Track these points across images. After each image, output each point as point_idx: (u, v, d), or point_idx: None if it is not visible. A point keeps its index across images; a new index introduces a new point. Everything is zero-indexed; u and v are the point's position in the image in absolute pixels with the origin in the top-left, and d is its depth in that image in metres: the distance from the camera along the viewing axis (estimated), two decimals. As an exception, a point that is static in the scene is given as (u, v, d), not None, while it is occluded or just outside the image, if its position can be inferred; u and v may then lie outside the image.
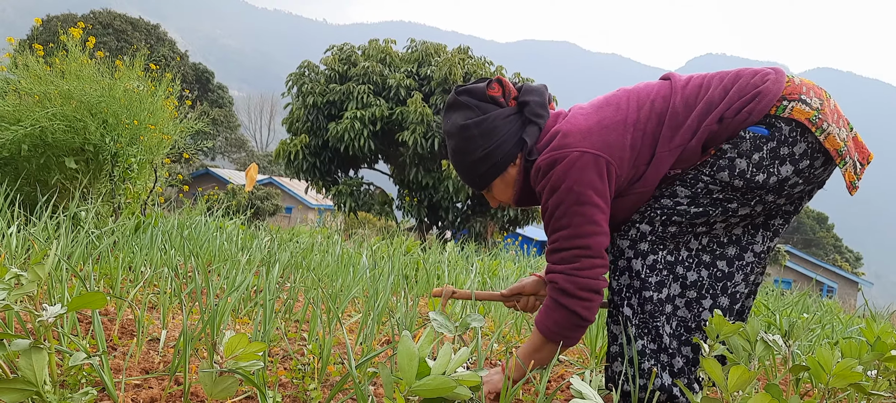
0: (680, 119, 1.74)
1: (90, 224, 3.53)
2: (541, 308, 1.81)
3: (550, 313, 1.76)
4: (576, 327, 1.75)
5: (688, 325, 1.78)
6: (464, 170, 1.90)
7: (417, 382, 1.22)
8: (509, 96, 1.87)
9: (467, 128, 1.83)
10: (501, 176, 1.88)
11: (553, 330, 1.77)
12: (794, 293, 6.56)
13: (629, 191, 1.78)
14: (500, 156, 1.84)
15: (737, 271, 1.79)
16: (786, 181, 1.69)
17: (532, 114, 1.84)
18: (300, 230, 7.40)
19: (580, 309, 1.72)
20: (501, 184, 1.90)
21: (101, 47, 5.67)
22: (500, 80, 1.86)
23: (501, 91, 1.86)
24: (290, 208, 35.56)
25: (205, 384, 1.26)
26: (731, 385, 1.40)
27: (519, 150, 1.84)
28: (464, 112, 1.85)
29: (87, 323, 2.25)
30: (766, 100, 1.67)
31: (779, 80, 1.71)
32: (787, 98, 1.68)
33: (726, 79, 1.76)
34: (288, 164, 17.37)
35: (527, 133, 1.83)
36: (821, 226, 53.83)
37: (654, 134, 1.75)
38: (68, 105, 4.30)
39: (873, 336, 2.07)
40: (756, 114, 1.67)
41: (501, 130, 1.83)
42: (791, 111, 1.67)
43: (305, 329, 2.66)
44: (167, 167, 6.11)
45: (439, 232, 17.27)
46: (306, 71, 17.86)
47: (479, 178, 1.89)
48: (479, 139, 1.83)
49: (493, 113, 1.84)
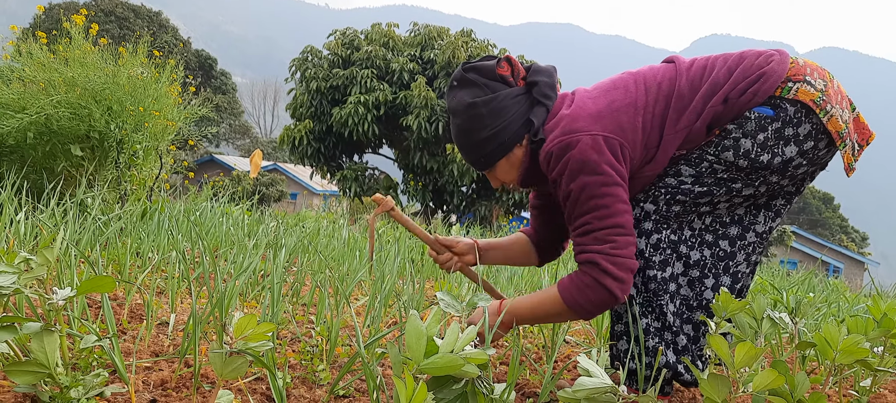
0: (685, 101, 1.73)
1: (97, 210, 3.55)
2: (571, 282, 1.75)
3: (586, 291, 1.72)
4: (607, 306, 1.73)
5: (690, 304, 1.78)
6: (469, 149, 1.87)
7: (426, 360, 1.23)
8: (518, 76, 1.84)
9: (475, 107, 1.80)
10: (507, 156, 1.85)
11: (585, 307, 1.74)
12: (800, 273, 6.56)
13: (639, 174, 1.77)
14: (508, 136, 1.81)
15: (739, 251, 1.79)
16: (790, 162, 1.68)
17: (541, 94, 1.81)
18: (306, 215, 7.42)
19: (618, 289, 1.70)
20: (506, 165, 1.87)
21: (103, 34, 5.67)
22: (509, 59, 1.83)
23: (510, 70, 1.83)
24: (295, 194, 35.61)
25: (215, 364, 1.27)
26: (737, 361, 1.41)
27: (526, 131, 1.81)
28: (471, 89, 1.82)
29: (97, 308, 2.26)
30: (771, 81, 1.67)
31: (783, 61, 1.70)
32: (792, 79, 1.68)
33: (730, 61, 1.75)
34: (292, 150, 17.38)
35: (534, 114, 1.80)
36: (827, 207, 53.69)
37: (661, 116, 1.74)
38: (72, 92, 4.31)
39: (880, 312, 2.07)
40: (761, 95, 1.67)
41: (510, 110, 1.80)
42: (796, 92, 1.66)
43: (313, 312, 2.68)
44: (172, 154, 6.12)
45: (444, 216, 17.29)
46: (309, 56, 17.83)
47: (484, 158, 1.86)
48: (487, 118, 1.80)
49: (502, 92, 1.80)
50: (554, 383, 1.71)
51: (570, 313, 1.78)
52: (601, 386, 1.49)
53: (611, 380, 1.51)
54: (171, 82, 5.12)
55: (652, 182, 1.78)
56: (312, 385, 1.78)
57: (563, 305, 1.77)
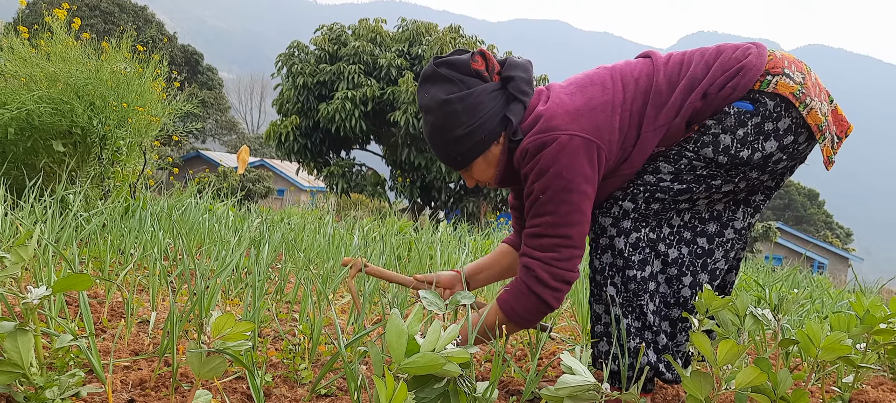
0: (664, 97, 1.71)
1: (79, 207, 3.51)
2: (508, 288, 1.76)
3: (520, 298, 1.74)
4: (541, 314, 1.74)
5: (668, 301, 1.76)
6: (444, 147, 1.79)
7: (407, 359, 1.21)
8: (493, 70, 1.77)
9: (450, 104, 1.72)
10: (484, 155, 1.78)
11: (519, 314, 1.75)
12: (785, 269, 6.59)
13: (615, 173, 1.75)
14: (484, 133, 1.74)
15: (717, 248, 1.77)
16: (770, 157, 1.67)
17: (517, 90, 1.75)
18: (291, 211, 7.38)
19: (551, 298, 1.71)
20: (483, 163, 1.81)
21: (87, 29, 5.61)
22: (484, 53, 1.77)
23: (485, 64, 1.76)
24: (282, 190, 35.48)
25: (193, 364, 1.25)
26: (720, 359, 1.40)
27: (503, 129, 1.76)
28: (444, 85, 1.74)
29: (76, 306, 2.23)
30: (749, 75, 1.65)
31: (761, 55, 1.68)
32: (771, 72, 1.66)
33: (708, 55, 1.73)
34: (278, 146, 17.31)
35: (511, 111, 1.74)
36: (812, 203, 54.10)
37: (639, 113, 1.72)
38: (54, 87, 4.26)
39: (862, 309, 2.08)
40: (740, 89, 1.65)
41: (486, 106, 1.73)
42: (776, 85, 1.65)
43: (296, 309, 2.66)
44: (157, 150, 6.07)
45: (432, 212, 17.28)
46: (296, 51, 17.76)
47: (460, 157, 1.79)
48: (462, 115, 1.72)
49: (478, 88, 1.73)
50: (538, 380, 1.70)
51: (509, 322, 1.77)
52: (584, 384, 1.49)
53: (594, 378, 1.50)
54: (155, 78, 5.07)
55: (630, 179, 1.76)
56: (294, 384, 1.76)
57: (503, 314, 1.77)
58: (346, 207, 18.37)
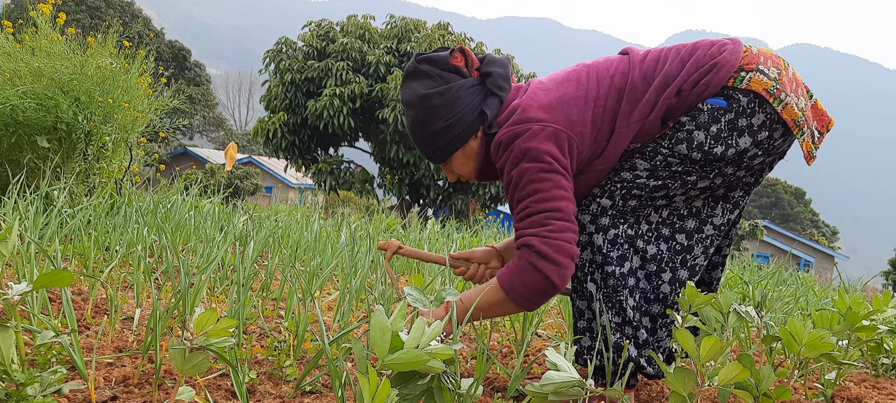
0: (638, 94, 1.72)
1: (63, 203, 3.48)
2: (509, 267, 1.74)
3: (522, 275, 1.71)
4: (545, 294, 1.71)
5: (647, 297, 1.77)
6: (423, 141, 1.84)
7: (390, 356, 1.21)
8: (472, 66, 1.82)
9: (429, 98, 1.78)
10: (462, 148, 1.83)
11: (521, 293, 1.72)
12: (771, 266, 6.64)
13: (589, 168, 1.77)
14: (462, 127, 1.79)
15: (696, 244, 1.78)
16: (744, 152, 1.67)
17: (494, 85, 1.80)
18: (279, 208, 7.36)
19: (554, 275, 1.68)
20: (462, 157, 1.85)
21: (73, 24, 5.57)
22: (463, 50, 1.81)
23: (464, 61, 1.81)
24: (270, 187, 35.38)
25: (175, 360, 1.25)
26: (703, 355, 1.41)
27: (480, 123, 1.80)
28: (424, 81, 1.80)
29: (59, 303, 2.22)
30: (723, 72, 1.66)
31: (736, 51, 1.69)
32: (745, 68, 1.67)
33: (683, 52, 1.74)
34: (266, 143, 17.24)
35: (487, 105, 1.79)
36: (798, 201, 54.50)
37: (613, 109, 1.73)
38: (39, 83, 4.22)
39: (845, 306, 2.10)
40: (714, 86, 1.66)
41: (464, 101, 1.78)
42: (749, 81, 1.65)
43: (282, 306, 2.65)
44: (143, 146, 6.04)
45: (420, 209, 17.27)
46: (284, 47, 17.69)
47: (439, 151, 1.84)
48: (441, 109, 1.77)
49: (456, 83, 1.78)
50: (523, 377, 1.70)
51: (509, 302, 1.75)
52: (568, 380, 1.49)
53: (579, 374, 1.50)
54: (142, 73, 5.03)
55: (606, 176, 1.77)
56: (279, 381, 1.76)
57: (503, 293, 1.74)
58: (334, 205, 18.33)
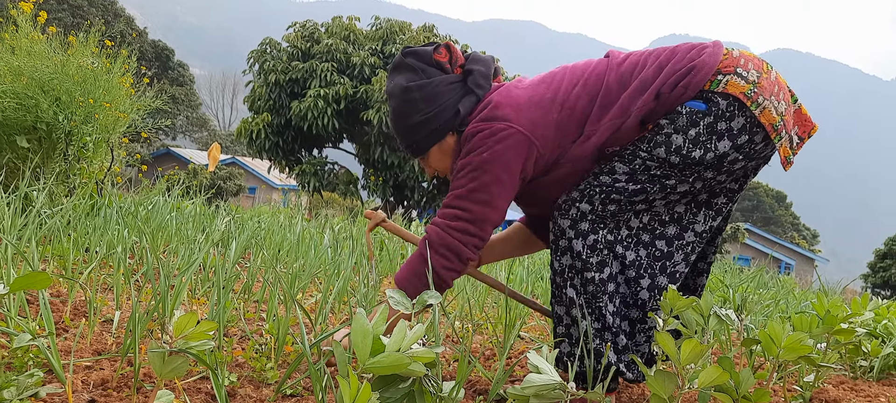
0: (613, 97, 1.73)
1: (43, 204, 3.44)
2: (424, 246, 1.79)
3: (410, 261, 1.78)
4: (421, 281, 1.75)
5: (627, 302, 1.77)
6: (402, 133, 1.88)
7: (371, 359, 1.21)
8: (455, 63, 1.85)
9: (409, 91, 1.81)
10: (439, 144, 1.86)
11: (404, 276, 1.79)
12: (752, 269, 6.69)
13: (554, 169, 1.78)
14: (439, 123, 1.81)
15: (676, 251, 1.77)
16: (724, 157, 1.66)
17: (474, 84, 1.82)
18: (262, 210, 7.32)
19: (435, 262, 1.74)
20: (439, 153, 1.88)
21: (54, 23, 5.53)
22: (448, 46, 1.84)
23: (448, 57, 1.84)
24: (254, 188, 35.20)
25: (154, 363, 1.24)
26: (683, 358, 1.42)
27: (457, 120, 1.83)
28: (407, 74, 1.83)
29: (38, 305, 2.19)
30: (701, 75, 1.66)
31: (715, 54, 1.69)
32: (722, 71, 1.67)
33: (662, 56, 1.74)
34: (250, 143, 17.14)
35: (463, 103, 1.81)
36: (779, 205, 54.99)
37: (583, 111, 1.74)
38: (19, 82, 4.18)
39: (824, 310, 2.12)
40: (692, 89, 1.66)
41: (443, 97, 1.81)
42: (725, 85, 1.65)
43: (264, 309, 2.64)
44: (125, 146, 5.98)
45: (405, 211, 17.25)
46: (268, 48, 17.60)
47: (416, 144, 1.87)
48: (420, 103, 1.80)
49: (437, 78, 1.81)
50: (505, 380, 1.71)
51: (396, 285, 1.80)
52: (550, 383, 1.49)
53: (560, 377, 1.51)
54: (124, 73, 4.99)
55: (585, 180, 1.76)
56: (260, 384, 1.75)
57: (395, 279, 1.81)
58: (318, 206, 18.27)
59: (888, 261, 26.28)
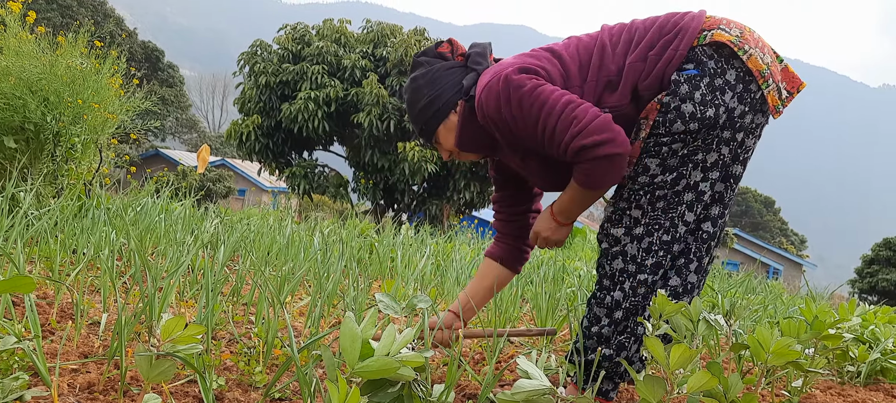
0: (607, 50, 1.81)
1: (30, 205, 3.41)
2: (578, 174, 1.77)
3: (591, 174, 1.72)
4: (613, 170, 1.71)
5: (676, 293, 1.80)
6: (414, 120, 2.01)
7: (360, 363, 1.20)
8: (457, 53, 2.01)
9: (415, 80, 1.97)
10: (444, 123, 1.95)
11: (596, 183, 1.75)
12: (741, 274, 6.72)
13: None
14: (442, 103, 1.93)
15: (719, 230, 1.83)
16: (733, 111, 1.71)
17: (472, 62, 1.96)
18: (251, 212, 7.30)
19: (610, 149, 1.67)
20: (445, 131, 1.97)
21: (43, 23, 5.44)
22: (451, 41, 2.01)
23: (450, 49, 2.01)
24: (244, 190, 35.07)
25: (141, 367, 1.23)
26: (672, 363, 1.42)
27: (460, 97, 1.93)
28: (417, 69, 1.99)
29: (23, 307, 2.17)
30: (688, 35, 1.73)
31: (698, 16, 1.78)
32: (707, 28, 1.75)
33: (648, 22, 1.83)
34: (240, 145, 17.07)
35: (466, 78, 1.94)
36: (768, 210, 55.31)
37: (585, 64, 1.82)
38: (6, 82, 4.15)
39: (812, 315, 2.13)
40: (682, 50, 1.73)
41: (444, 79, 1.94)
42: (712, 37, 1.72)
43: (253, 311, 2.62)
44: (114, 147, 5.94)
45: (395, 214, 17.22)
46: (258, 50, 17.54)
47: (425, 126, 1.97)
48: (424, 88, 1.94)
49: (438, 64, 1.97)
50: (494, 384, 1.70)
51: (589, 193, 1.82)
52: (540, 388, 1.50)
53: (549, 382, 1.51)
54: (113, 74, 4.96)
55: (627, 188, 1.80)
56: (248, 388, 1.74)
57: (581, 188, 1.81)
58: (308, 208, 18.21)
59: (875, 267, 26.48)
